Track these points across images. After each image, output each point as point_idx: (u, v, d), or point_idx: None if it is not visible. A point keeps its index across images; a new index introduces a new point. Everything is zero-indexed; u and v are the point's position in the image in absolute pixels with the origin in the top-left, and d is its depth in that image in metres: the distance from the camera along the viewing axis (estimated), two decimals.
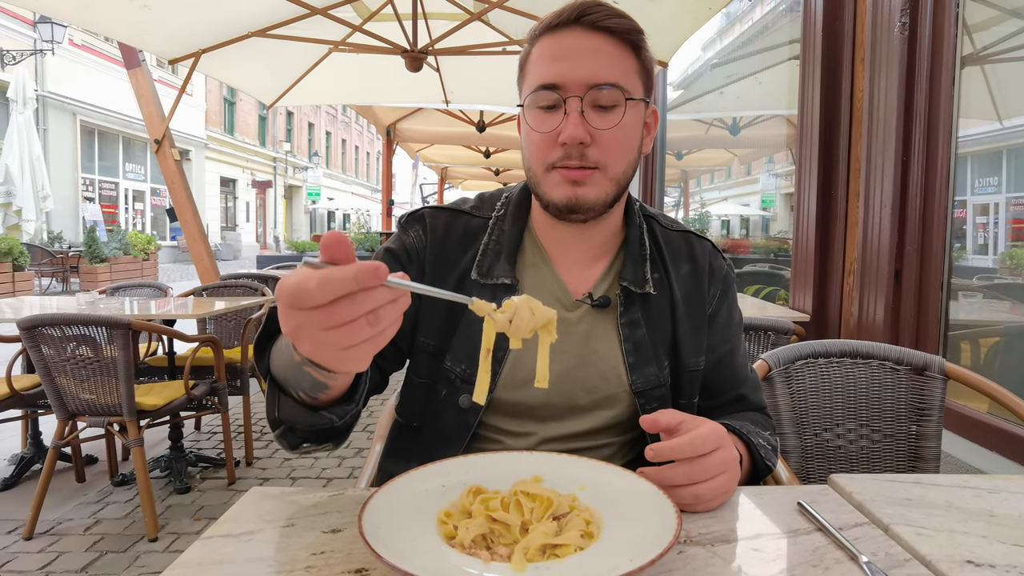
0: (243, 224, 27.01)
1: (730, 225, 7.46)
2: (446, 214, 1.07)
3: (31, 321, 2.47)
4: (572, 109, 0.90)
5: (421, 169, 14.99)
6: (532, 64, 0.96)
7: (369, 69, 5.26)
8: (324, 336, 0.56)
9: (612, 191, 0.95)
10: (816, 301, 3.01)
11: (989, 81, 2.44)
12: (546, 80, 0.92)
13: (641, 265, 1.02)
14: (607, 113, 0.92)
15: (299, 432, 0.79)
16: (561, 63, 0.91)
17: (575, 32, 0.92)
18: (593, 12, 0.91)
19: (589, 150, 0.91)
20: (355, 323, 0.55)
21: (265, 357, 0.81)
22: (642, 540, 0.63)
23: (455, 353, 0.99)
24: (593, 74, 0.90)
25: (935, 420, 1.41)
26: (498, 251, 1.02)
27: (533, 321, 0.69)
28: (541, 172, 0.95)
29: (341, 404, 0.77)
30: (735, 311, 1.11)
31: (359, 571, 0.63)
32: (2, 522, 2.73)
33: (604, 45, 0.92)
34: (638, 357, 0.99)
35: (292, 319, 0.56)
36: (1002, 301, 2.51)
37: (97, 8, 3.81)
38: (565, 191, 0.93)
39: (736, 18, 6.08)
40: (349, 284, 0.53)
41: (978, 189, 2.51)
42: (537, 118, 0.94)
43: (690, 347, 1.03)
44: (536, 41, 0.96)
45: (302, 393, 0.74)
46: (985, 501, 0.79)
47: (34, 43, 14.77)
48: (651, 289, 1.01)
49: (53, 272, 13.20)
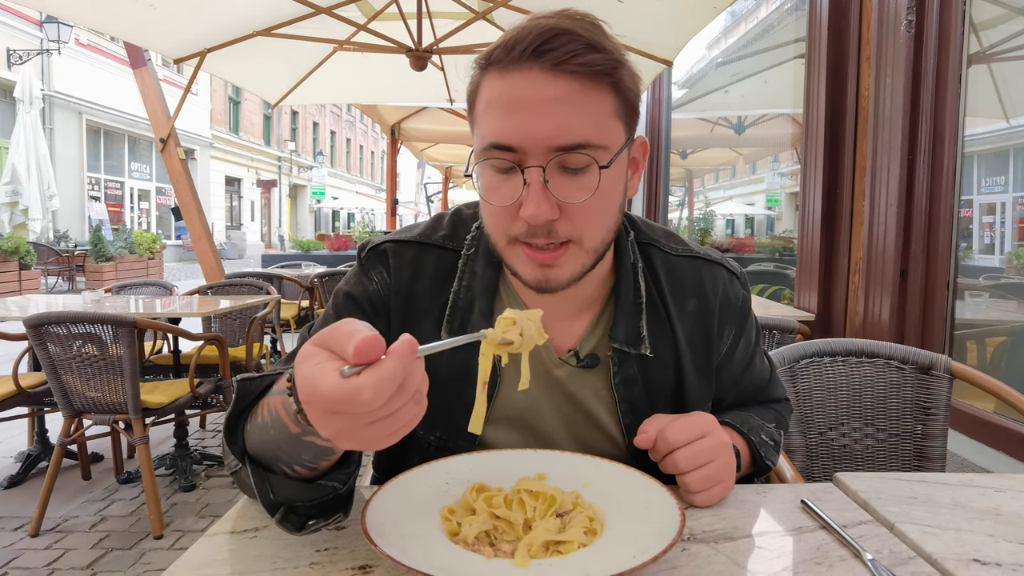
0: (248, 223, 27.09)
1: (735, 224, 7.44)
2: (413, 250, 0.91)
3: (37, 319, 2.48)
4: (534, 180, 0.73)
5: (426, 168, 15.00)
6: (482, 108, 0.77)
7: (374, 68, 5.26)
8: (370, 431, 0.52)
9: (589, 262, 0.80)
10: (821, 300, 3.00)
11: (996, 80, 2.43)
12: (499, 139, 0.74)
13: (635, 319, 0.88)
14: (578, 177, 0.74)
15: (301, 511, 0.66)
16: (516, 117, 0.73)
17: (532, 75, 0.72)
18: (555, 47, 0.71)
19: (558, 224, 0.75)
20: (403, 409, 0.52)
21: (239, 438, 0.69)
22: (645, 537, 0.63)
23: (428, 421, 0.86)
24: (558, 134, 0.72)
25: (941, 419, 1.40)
26: (470, 301, 0.88)
27: (534, 327, 0.68)
28: (504, 244, 0.80)
29: (341, 468, 0.67)
30: (752, 333, 0.99)
31: (363, 568, 0.63)
32: (9, 519, 2.74)
33: (569, 91, 0.72)
34: (634, 417, 0.87)
35: (336, 424, 0.52)
36: (1008, 300, 2.50)
37: (103, 7, 3.83)
38: (534, 272, 0.79)
39: (741, 17, 6.06)
40: (399, 377, 0.50)
41: (984, 188, 2.50)
42: (492, 184, 0.77)
43: (696, 399, 0.91)
44: (484, 76, 0.77)
45: (298, 467, 0.65)
46: (991, 500, 0.78)
47: (40, 43, 14.84)
48: (647, 350, 0.87)
49: (59, 271, 13.26)
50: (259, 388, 0.70)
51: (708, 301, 0.92)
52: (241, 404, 0.69)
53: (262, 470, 0.66)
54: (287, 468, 0.66)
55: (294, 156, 30.59)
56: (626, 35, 4.14)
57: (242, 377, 0.69)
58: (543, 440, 0.90)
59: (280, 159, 29.52)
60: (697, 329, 0.92)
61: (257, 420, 0.66)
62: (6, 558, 2.43)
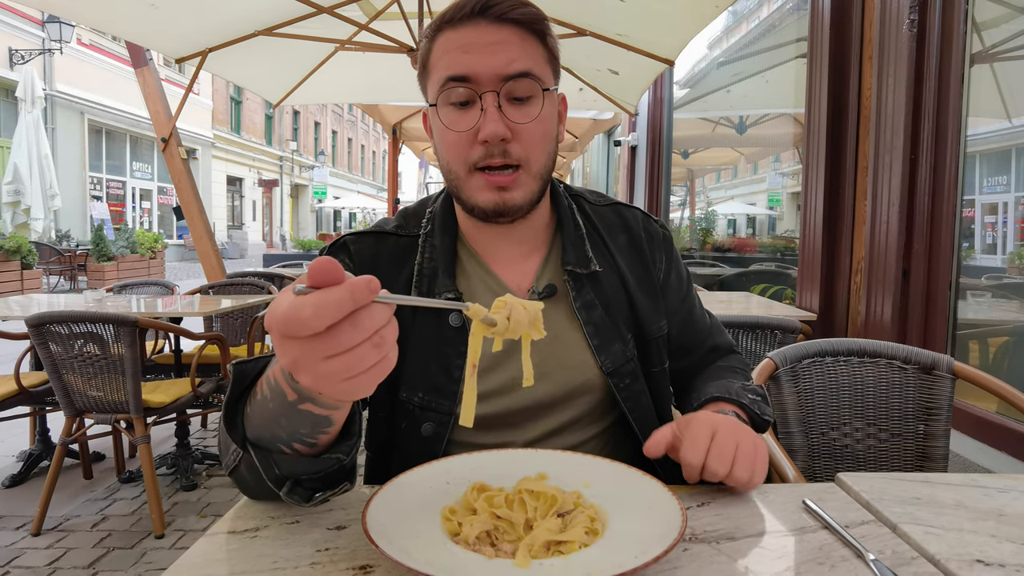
0: (249, 223, 27.10)
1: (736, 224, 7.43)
2: (370, 239, 1.02)
3: (39, 319, 2.48)
4: (489, 104, 0.87)
5: (427, 168, 15.00)
6: (437, 58, 0.91)
7: (375, 68, 5.26)
8: (327, 366, 0.51)
9: (537, 188, 0.94)
10: (823, 300, 3.00)
11: (999, 79, 2.42)
12: (456, 72, 0.88)
13: (580, 245, 1.00)
14: (524, 106, 0.89)
15: (307, 483, 0.69)
16: (471, 55, 0.87)
17: (479, 25, 0.89)
18: (495, 3, 0.88)
19: (511, 146, 0.89)
20: (359, 348, 0.51)
21: (239, 424, 0.71)
22: (647, 537, 0.63)
23: (409, 382, 0.94)
24: (506, 65, 0.87)
25: (943, 419, 1.40)
26: (434, 268, 0.98)
27: (527, 316, 0.66)
28: (464, 174, 0.92)
29: (342, 441, 0.70)
30: (683, 269, 1.12)
31: (364, 568, 0.63)
32: (11, 518, 2.74)
33: (511, 36, 0.89)
34: (602, 338, 0.97)
35: (289, 350, 0.52)
36: (1011, 300, 2.49)
37: (105, 7, 3.82)
38: (491, 196, 0.91)
39: (743, 16, 6.05)
40: (345, 304, 0.49)
41: (987, 188, 2.49)
42: (451, 116, 0.90)
43: (650, 315, 1.02)
44: (437, 36, 0.92)
45: (297, 444, 0.67)
46: (995, 500, 0.78)
47: (42, 42, 14.85)
48: (597, 267, 0.99)
49: (61, 270, 13.28)
50: (255, 370, 0.72)
51: (634, 232, 1.07)
52: (239, 388, 0.72)
53: (264, 451, 0.68)
54: (286, 447, 0.67)
55: (296, 156, 30.60)
56: (627, 34, 4.13)
57: (237, 361, 0.72)
58: (517, 384, 0.92)
59: (282, 159, 29.54)
60: (633, 256, 1.05)
61: (256, 398, 0.67)
62: (8, 557, 2.43)
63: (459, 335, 0.94)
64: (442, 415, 0.93)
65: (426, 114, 0.98)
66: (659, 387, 1.04)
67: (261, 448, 0.68)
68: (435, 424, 0.93)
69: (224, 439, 0.73)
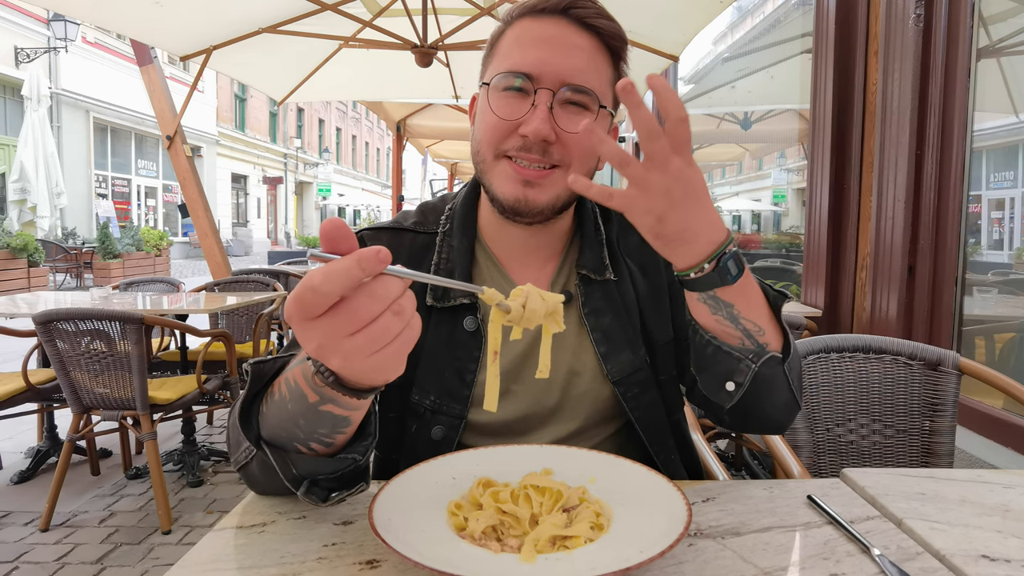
0: (254, 220, 27.15)
1: (741, 220, 7.41)
2: (387, 235, 1.01)
3: (46, 316, 2.49)
4: (541, 102, 0.83)
5: (431, 165, 14.98)
6: (506, 45, 0.89)
7: (379, 65, 5.25)
8: (352, 342, 0.52)
9: (566, 196, 0.89)
10: (828, 296, 2.99)
11: (1005, 74, 2.41)
12: (520, 67, 0.85)
13: (598, 250, 0.98)
14: (576, 115, 0.85)
15: (324, 483, 0.69)
16: (540, 51, 0.85)
17: (560, 23, 0.86)
18: (582, 6, 0.86)
19: (553, 148, 0.85)
20: (380, 319, 0.52)
21: (253, 423, 0.71)
22: (652, 532, 0.63)
23: (421, 384, 0.93)
24: (572, 72, 0.84)
25: (949, 416, 1.39)
26: (450, 270, 0.96)
27: (544, 307, 0.65)
28: (491, 158, 0.89)
29: (358, 441, 0.70)
30: None
31: (370, 562, 0.63)
32: (19, 514, 2.76)
33: (587, 44, 0.86)
34: (609, 345, 0.94)
35: (312, 334, 0.52)
36: (1017, 296, 2.48)
37: (110, 5, 3.83)
38: (514, 189, 0.87)
39: (748, 12, 6.02)
40: (353, 270, 0.49)
41: (993, 184, 2.48)
42: (500, 101, 0.86)
43: (655, 322, 0.99)
44: (514, 22, 0.89)
45: (315, 444, 0.67)
46: (1000, 496, 0.78)
47: (48, 41, 14.89)
48: (612, 276, 0.97)
49: (67, 268, 13.33)
50: (272, 370, 0.73)
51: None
52: (256, 387, 0.72)
53: (280, 451, 0.68)
54: (303, 447, 0.67)
55: (300, 153, 30.64)
56: (632, 30, 4.11)
57: (255, 360, 0.72)
58: (529, 384, 0.94)
59: (286, 156, 29.57)
60: (644, 256, 1.01)
61: (274, 398, 0.68)
62: (17, 552, 2.45)
63: (473, 339, 0.93)
64: (453, 419, 0.93)
65: (475, 96, 0.95)
66: (668, 395, 1.02)
67: (277, 447, 0.68)
68: (445, 428, 0.93)
69: (236, 436, 0.73)
